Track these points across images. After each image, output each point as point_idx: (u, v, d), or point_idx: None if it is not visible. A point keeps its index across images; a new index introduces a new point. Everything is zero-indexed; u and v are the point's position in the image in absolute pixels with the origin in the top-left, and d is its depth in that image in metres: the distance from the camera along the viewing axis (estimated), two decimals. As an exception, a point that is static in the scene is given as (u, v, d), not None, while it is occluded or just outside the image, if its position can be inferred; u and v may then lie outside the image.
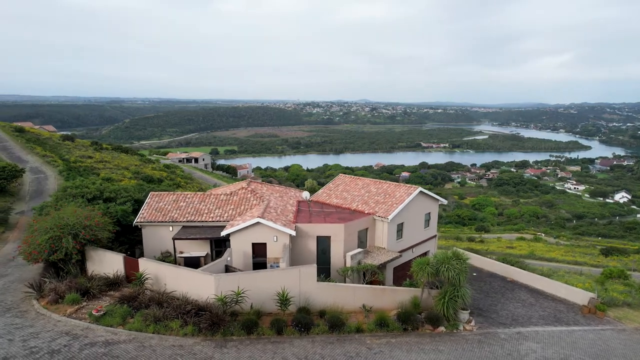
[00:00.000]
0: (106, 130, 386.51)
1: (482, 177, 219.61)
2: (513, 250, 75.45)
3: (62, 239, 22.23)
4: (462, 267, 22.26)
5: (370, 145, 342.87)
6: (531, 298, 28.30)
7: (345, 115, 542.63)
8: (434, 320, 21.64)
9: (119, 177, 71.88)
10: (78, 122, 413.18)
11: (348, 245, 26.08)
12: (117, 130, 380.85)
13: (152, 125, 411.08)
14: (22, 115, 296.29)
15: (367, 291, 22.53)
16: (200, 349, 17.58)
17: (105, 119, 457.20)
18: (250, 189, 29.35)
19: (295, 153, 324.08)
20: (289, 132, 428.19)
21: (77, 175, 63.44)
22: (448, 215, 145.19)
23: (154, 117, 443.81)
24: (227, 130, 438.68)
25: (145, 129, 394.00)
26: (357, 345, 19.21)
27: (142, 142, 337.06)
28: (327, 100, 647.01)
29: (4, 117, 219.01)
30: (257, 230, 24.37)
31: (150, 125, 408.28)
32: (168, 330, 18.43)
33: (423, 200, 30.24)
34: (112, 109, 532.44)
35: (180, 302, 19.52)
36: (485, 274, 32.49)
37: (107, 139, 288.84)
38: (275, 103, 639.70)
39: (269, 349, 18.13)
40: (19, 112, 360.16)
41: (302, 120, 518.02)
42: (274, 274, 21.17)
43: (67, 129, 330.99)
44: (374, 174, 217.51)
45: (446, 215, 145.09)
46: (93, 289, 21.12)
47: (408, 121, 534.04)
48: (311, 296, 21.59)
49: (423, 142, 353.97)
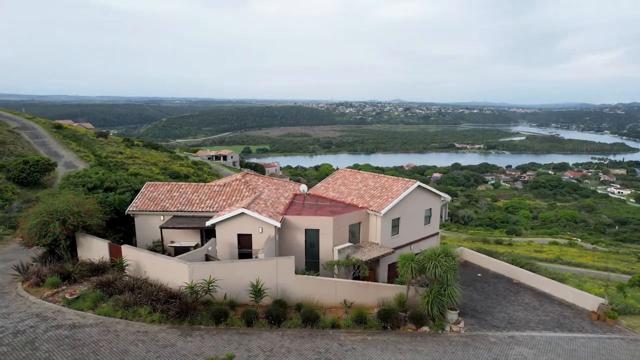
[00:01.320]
0: (144, 128, 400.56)
1: (517, 180, 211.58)
2: (541, 254, 72.12)
3: (50, 224, 22.64)
4: (451, 265, 20.97)
5: (402, 146, 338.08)
6: (535, 301, 26.46)
7: (378, 115, 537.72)
8: (418, 320, 20.50)
9: (147, 173, 73.95)
10: (119, 121, 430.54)
11: (338, 239, 25.27)
12: (154, 129, 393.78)
13: (188, 124, 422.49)
14: (69, 114, 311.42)
15: (349, 286, 21.65)
16: (164, 336, 17.34)
17: (144, 117, 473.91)
18: (244, 181, 29.06)
19: (326, 153, 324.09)
20: (321, 132, 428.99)
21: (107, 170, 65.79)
22: (479, 218, 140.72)
23: (190, 117, 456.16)
24: (260, 130, 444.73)
25: (182, 128, 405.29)
26: (329, 341, 18.43)
27: (178, 140, 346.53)
28: (360, 100, 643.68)
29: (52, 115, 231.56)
30: (243, 221, 23.99)
31: (186, 124, 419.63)
32: (136, 316, 18.33)
33: (422, 195, 28.98)
34: (150, 108, 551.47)
35: (153, 289, 19.39)
36: (491, 274, 30.75)
37: (145, 137, 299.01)
38: (309, 103, 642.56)
39: (234, 340, 17.66)
40: (66, 111, 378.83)
41: (334, 120, 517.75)
42: (250, 264, 20.70)
43: (108, 127, 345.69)
44: (405, 174, 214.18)
45: (477, 218, 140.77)
46: (75, 274, 21.37)
47: (442, 121, 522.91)
48: (289, 289, 20.96)
49: (457, 143, 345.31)
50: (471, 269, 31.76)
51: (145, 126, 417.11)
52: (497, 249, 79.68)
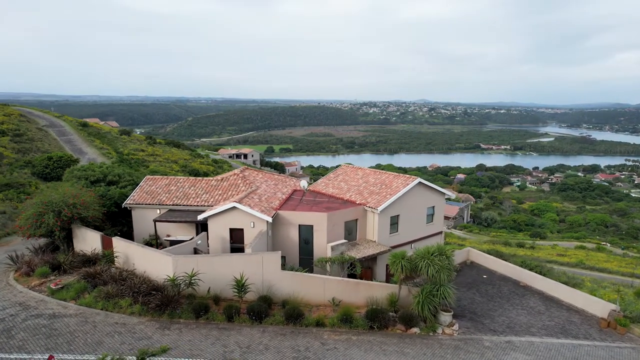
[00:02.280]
0: (170, 127, 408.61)
1: (545, 182, 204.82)
2: (562, 258, 69.52)
3: (45, 215, 22.88)
4: (444, 264, 20.01)
5: (426, 146, 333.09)
6: (542, 306, 25.06)
7: (402, 115, 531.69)
8: (408, 320, 19.62)
9: (166, 170, 75.07)
10: (146, 120, 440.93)
11: (332, 235, 24.60)
12: (180, 128, 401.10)
13: (212, 123, 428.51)
14: (99, 113, 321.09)
15: (338, 284, 20.97)
16: (142, 329, 17.13)
17: (171, 117, 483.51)
18: (241, 175, 28.75)
19: (349, 152, 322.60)
20: (344, 132, 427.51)
21: (127, 166, 67.15)
22: (503, 220, 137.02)
23: (215, 116, 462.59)
24: (283, 129, 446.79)
25: (207, 127, 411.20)
26: (311, 339, 17.82)
27: (203, 139, 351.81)
28: (385, 100, 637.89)
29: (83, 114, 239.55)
30: (234, 216, 23.64)
31: (211, 124, 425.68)
32: (116, 307, 18.21)
33: (424, 192, 27.95)
34: (177, 107, 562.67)
35: (136, 281, 19.25)
36: (497, 277, 29.39)
37: (171, 136, 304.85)
38: (332, 103, 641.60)
39: (212, 335, 17.28)
40: (97, 110, 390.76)
41: (358, 120, 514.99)
42: (235, 259, 20.30)
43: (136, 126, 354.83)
44: (427, 175, 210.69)
45: (501, 220, 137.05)
46: (65, 264, 21.49)
47: (468, 122, 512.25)
48: (275, 285, 20.46)
49: (482, 144, 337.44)
50: (477, 270, 30.48)
51: (172, 125, 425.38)
52: (517, 251, 77.21)
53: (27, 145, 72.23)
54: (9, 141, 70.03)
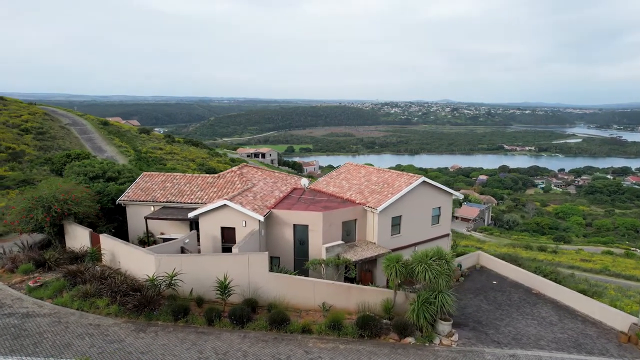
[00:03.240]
0: (193, 127, 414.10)
1: (571, 184, 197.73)
2: (586, 264, 66.34)
3: (33, 210, 22.44)
4: (443, 269, 18.54)
5: (448, 147, 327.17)
6: (554, 316, 23.18)
7: (424, 115, 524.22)
8: (402, 329, 18.20)
9: (183, 168, 75.31)
10: (170, 120, 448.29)
11: (329, 236, 23.35)
12: (202, 128, 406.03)
13: (234, 123, 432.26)
14: (124, 113, 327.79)
15: (329, 288, 19.73)
16: (116, 331, 16.31)
17: (193, 116, 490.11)
18: (238, 173, 27.82)
19: (369, 153, 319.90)
20: (365, 132, 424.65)
21: (144, 164, 67.56)
22: (525, 223, 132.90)
23: (237, 116, 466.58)
24: (304, 129, 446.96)
25: (228, 127, 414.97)
26: (294, 347, 16.64)
27: (225, 138, 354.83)
28: (406, 100, 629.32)
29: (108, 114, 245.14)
30: (226, 214, 22.69)
31: (233, 123, 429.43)
32: (93, 307, 17.48)
33: (429, 192, 26.38)
34: (200, 107, 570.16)
35: (118, 280, 18.47)
36: (508, 283, 27.55)
37: (194, 135, 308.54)
38: (354, 103, 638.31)
39: (189, 339, 16.31)
40: (123, 110, 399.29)
41: (379, 120, 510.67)
42: (220, 259, 19.33)
43: (159, 125, 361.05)
44: (448, 176, 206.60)
45: (523, 223, 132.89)
46: (50, 261, 20.95)
47: (491, 122, 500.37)
48: (262, 287, 19.38)
49: (506, 145, 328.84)
50: (487, 276, 28.70)
51: (194, 125, 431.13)
52: (537, 255, 74.17)
53: (48, 142, 73.59)
54: (32, 139, 71.49)
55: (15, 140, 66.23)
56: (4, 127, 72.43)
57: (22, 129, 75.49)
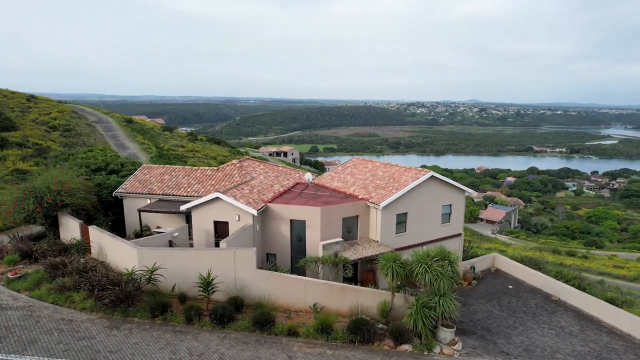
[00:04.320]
0: (219, 126, 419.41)
1: (605, 187, 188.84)
2: (620, 271, 62.69)
3: (24, 200, 21.94)
4: (445, 271, 16.80)
5: (474, 148, 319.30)
6: (575, 326, 20.98)
7: (450, 115, 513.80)
8: (398, 335, 16.55)
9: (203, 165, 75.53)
10: (197, 119, 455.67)
11: (328, 233, 21.90)
12: (228, 127, 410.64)
13: (259, 122, 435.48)
14: (153, 113, 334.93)
15: (321, 288, 18.27)
16: (88, 327, 15.36)
17: (220, 116, 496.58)
18: (238, 166, 26.71)
19: (394, 153, 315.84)
20: (390, 132, 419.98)
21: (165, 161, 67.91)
22: (554, 226, 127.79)
23: (262, 115, 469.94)
24: (329, 129, 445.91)
25: (254, 126, 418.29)
26: (276, 350, 15.28)
27: (250, 138, 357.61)
28: (433, 101, 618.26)
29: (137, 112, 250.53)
30: (219, 207, 21.60)
31: (258, 123, 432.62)
32: (69, 302, 16.61)
33: (439, 188, 24.55)
34: (226, 107, 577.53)
35: (99, 274, 17.57)
36: (525, 288, 25.37)
37: (220, 134, 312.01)
38: (379, 103, 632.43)
39: (164, 339, 15.20)
40: (151, 109, 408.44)
41: (404, 120, 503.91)
42: (205, 254, 18.19)
43: (187, 124, 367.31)
44: (474, 177, 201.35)
45: (552, 226, 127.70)
46: (37, 253, 20.34)
47: (520, 123, 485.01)
48: (249, 285, 18.13)
49: (535, 146, 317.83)
50: (502, 279, 26.59)
51: (221, 124, 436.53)
52: (565, 260, 70.54)
53: (74, 139, 74.99)
54: (59, 135, 73.00)
55: (42, 137, 67.65)
56: (33, 124, 74.22)
57: (50, 126, 77.27)
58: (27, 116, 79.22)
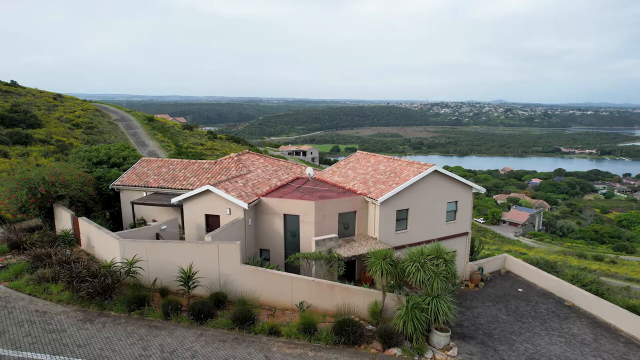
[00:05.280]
0: (242, 126, 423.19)
1: (638, 190, 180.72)
2: (648, 277, 59.16)
3: (17, 191, 21.80)
4: (439, 270, 15.58)
5: (499, 149, 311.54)
6: (589, 334, 19.32)
7: (475, 116, 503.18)
8: (387, 338, 15.42)
9: None
10: (220, 119, 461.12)
11: (323, 228, 20.91)
12: (251, 127, 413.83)
13: (282, 122, 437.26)
14: (178, 112, 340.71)
15: (308, 285, 17.28)
16: (61, 319, 14.85)
17: (243, 116, 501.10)
18: (235, 159, 26.00)
19: (416, 153, 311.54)
20: (412, 132, 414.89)
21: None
22: (582, 230, 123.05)
23: (284, 115, 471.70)
24: (351, 129, 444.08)
25: (276, 126, 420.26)
26: (254, 350, 14.40)
27: (272, 137, 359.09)
28: (457, 101, 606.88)
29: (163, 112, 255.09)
30: (210, 200, 20.90)
31: (281, 123, 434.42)
32: (45, 293, 16.17)
33: (443, 184, 23.18)
34: (249, 107, 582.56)
35: (81, 265, 17.08)
36: (537, 291, 23.72)
37: (242, 134, 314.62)
38: (402, 103, 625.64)
39: (138, 334, 14.53)
40: (176, 109, 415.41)
41: (428, 120, 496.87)
42: (187, 247, 17.45)
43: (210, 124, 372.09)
44: (498, 179, 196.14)
45: (579, 230, 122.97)
46: (26, 244, 20.09)
47: (548, 124, 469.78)
48: (233, 281, 17.32)
49: (563, 147, 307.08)
50: (512, 282, 25.00)
51: (243, 124, 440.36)
52: (591, 265, 67.38)
53: (96, 137, 76.37)
54: (81, 133, 74.50)
55: (65, 134, 69.07)
56: (57, 121, 75.99)
57: (74, 123, 78.97)
58: (53, 114, 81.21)
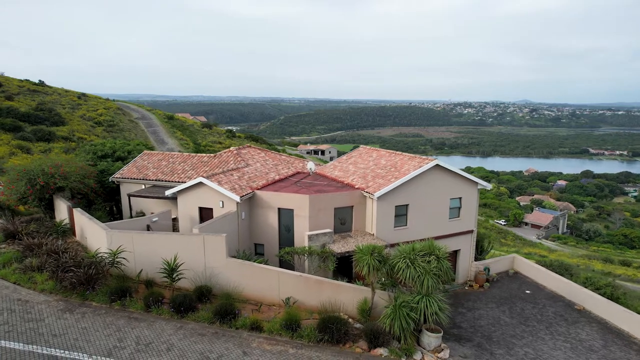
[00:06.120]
0: (264, 125, 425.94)
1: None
2: (677, 284, 56.09)
3: (16, 182, 22.01)
4: (430, 268, 14.75)
5: (524, 150, 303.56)
6: (598, 340, 18.08)
7: (499, 116, 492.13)
8: (374, 337, 14.68)
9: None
10: (242, 119, 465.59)
11: (317, 223, 20.30)
12: (272, 126, 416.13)
13: (303, 122, 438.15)
14: (201, 112, 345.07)
15: (296, 280, 16.71)
16: (42, 309, 14.71)
17: (265, 116, 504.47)
18: (235, 152, 25.65)
19: (438, 154, 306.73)
20: (434, 133, 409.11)
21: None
22: (610, 234, 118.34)
23: (306, 115, 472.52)
24: (372, 129, 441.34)
25: (297, 126, 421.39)
26: (232, 345, 13.91)
27: (293, 137, 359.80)
28: (481, 101, 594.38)
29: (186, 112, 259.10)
30: (203, 193, 20.59)
31: (302, 123, 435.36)
32: (30, 282, 16.11)
33: (446, 179, 22.22)
34: (271, 107, 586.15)
35: (69, 255, 16.97)
36: (545, 294, 22.47)
37: (264, 134, 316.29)
38: (424, 103, 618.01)
39: (116, 325, 14.25)
40: (200, 109, 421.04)
41: (450, 120, 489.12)
42: (173, 238, 17.13)
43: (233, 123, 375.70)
44: (522, 180, 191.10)
45: (607, 234, 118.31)
46: (21, 234, 20.20)
47: (576, 124, 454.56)
48: (219, 274, 16.89)
49: (592, 148, 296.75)
50: (520, 283, 23.81)
51: (265, 123, 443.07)
52: (616, 270, 64.56)
53: (117, 134, 77.90)
54: (102, 130, 76.19)
55: (87, 132, 70.67)
56: (80, 119, 77.91)
57: (96, 121, 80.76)
58: (76, 112, 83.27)
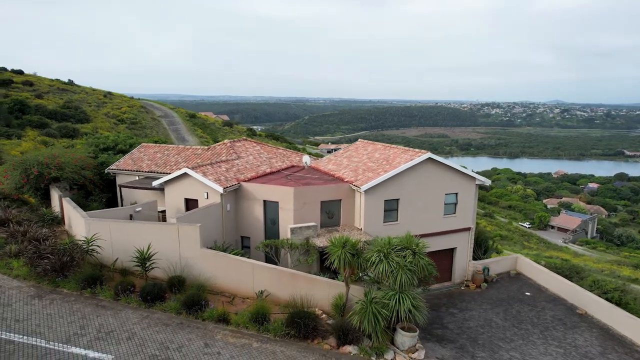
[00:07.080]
0: (288, 125, 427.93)
1: None
2: None
3: (11, 172, 22.41)
4: (405, 263, 13.97)
5: (553, 151, 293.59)
6: (596, 346, 16.83)
7: (528, 117, 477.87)
8: (343, 334, 14.00)
9: None
10: (267, 118, 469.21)
11: (303, 216, 19.76)
12: (297, 126, 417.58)
13: (327, 122, 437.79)
14: (227, 111, 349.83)
15: (270, 273, 16.22)
16: (11, 295, 14.74)
17: (290, 115, 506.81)
18: (228, 145, 25.41)
19: (464, 155, 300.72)
20: (460, 133, 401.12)
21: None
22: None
23: (330, 115, 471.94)
24: (397, 130, 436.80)
25: (322, 126, 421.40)
26: (195, 336, 13.54)
27: (317, 137, 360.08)
28: (510, 101, 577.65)
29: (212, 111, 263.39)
30: (189, 184, 20.38)
31: (326, 122, 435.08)
32: (6, 268, 16.22)
33: (440, 173, 21.25)
34: (296, 107, 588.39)
35: (47, 243, 17.06)
36: (546, 296, 21.19)
37: (288, 133, 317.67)
38: (451, 103, 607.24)
39: (81, 312, 14.12)
40: (226, 108, 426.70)
41: (477, 121, 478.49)
42: (148, 228, 16.93)
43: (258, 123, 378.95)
44: (550, 182, 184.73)
45: None
46: (12, 222, 20.48)
47: (610, 125, 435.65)
48: (194, 265, 16.58)
49: (627, 150, 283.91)
50: (521, 285, 22.57)
51: (290, 123, 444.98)
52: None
53: (139, 132, 79.57)
54: (125, 128, 78.03)
55: (110, 129, 72.43)
56: (104, 117, 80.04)
57: (119, 119, 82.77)
58: (101, 110, 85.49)
